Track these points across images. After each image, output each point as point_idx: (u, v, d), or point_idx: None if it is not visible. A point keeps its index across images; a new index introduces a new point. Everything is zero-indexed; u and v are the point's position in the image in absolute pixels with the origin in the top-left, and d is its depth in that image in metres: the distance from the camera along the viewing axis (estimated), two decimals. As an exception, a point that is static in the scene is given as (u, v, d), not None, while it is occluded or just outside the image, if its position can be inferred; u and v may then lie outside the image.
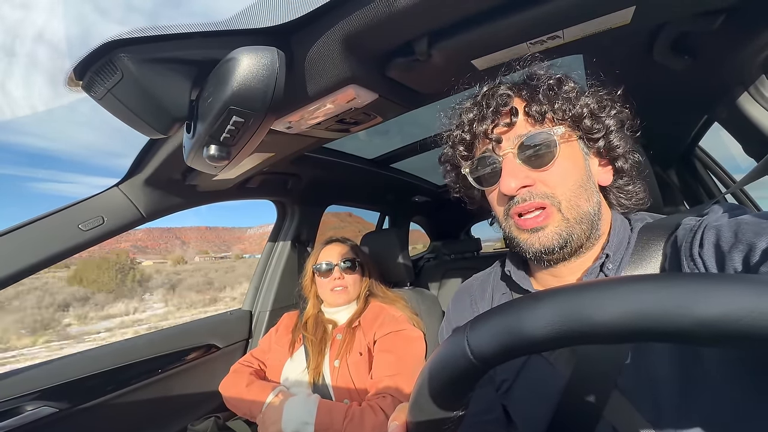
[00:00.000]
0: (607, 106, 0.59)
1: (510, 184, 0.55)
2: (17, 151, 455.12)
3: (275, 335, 1.40)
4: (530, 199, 0.55)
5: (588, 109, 0.57)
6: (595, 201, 0.58)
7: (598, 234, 0.59)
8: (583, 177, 0.57)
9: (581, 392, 0.51)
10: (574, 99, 0.57)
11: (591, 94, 0.59)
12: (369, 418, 1.02)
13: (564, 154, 0.56)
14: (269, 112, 0.57)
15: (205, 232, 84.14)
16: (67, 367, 1.13)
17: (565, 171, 0.56)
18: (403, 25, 0.59)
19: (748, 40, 0.77)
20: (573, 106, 0.56)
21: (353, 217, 5.36)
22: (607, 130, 0.58)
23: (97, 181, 47.37)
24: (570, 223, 0.55)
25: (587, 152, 0.60)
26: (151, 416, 1.30)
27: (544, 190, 0.56)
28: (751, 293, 0.19)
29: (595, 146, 0.59)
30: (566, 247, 0.56)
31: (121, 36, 0.47)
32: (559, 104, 0.56)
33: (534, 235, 0.56)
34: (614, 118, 0.59)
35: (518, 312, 0.25)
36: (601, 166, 0.62)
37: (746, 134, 1.02)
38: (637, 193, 0.63)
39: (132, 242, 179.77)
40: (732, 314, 0.19)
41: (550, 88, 0.56)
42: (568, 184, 0.56)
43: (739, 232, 0.43)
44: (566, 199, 0.55)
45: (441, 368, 0.29)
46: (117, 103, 0.53)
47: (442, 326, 0.78)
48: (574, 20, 0.60)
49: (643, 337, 0.22)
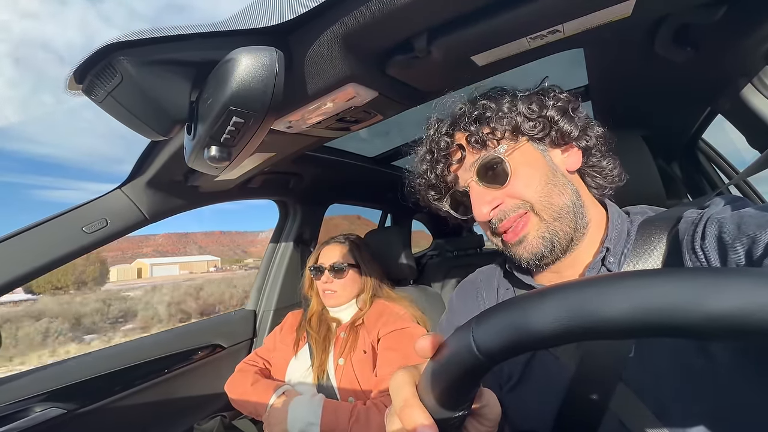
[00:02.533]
0: (542, 101, 0.60)
1: (482, 211, 0.58)
2: (18, 158, 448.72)
3: (280, 334, 1.41)
4: (506, 217, 0.58)
5: (522, 116, 0.59)
6: (569, 191, 0.59)
7: (585, 223, 0.59)
8: (548, 174, 0.59)
9: (587, 386, 0.51)
10: (507, 113, 0.59)
11: (524, 97, 0.61)
12: (375, 417, 1.02)
13: (518, 162, 0.58)
14: (269, 112, 0.57)
15: (220, 237, 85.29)
16: (75, 369, 1.14)
17: (527, 177, 0.58)
18: (402, 23, 0.59)
19: (750, 30, 0.76)
20: (507, 120, 0.59)
21: (362, 219, 5.41)
22: (551, 121, 0.59)
23: (100, 187, 48.29)
24: (548, 223, 0.57)
25: (544, 148, 0.61)
26: (158, 416, 1.31)
27: (514, 203, 0.58)
28: (764, 287, 0.19)
29: (547, 140, 0.60)
30: (554, 247, 0.57)
31: (119, 39, 0.47)
32: (493, 124, 0.59)
33: (521, 246, 0.58)
34: (554, 108, 0.60)
35: (525, 307, 0.25)
36: (564, 152, 0.62)
37: (750, 126, 1.01)
38: (612, 169, 0.64)
39: (153, 247, 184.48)
40: (744, 309, 0.19)
41: (479, 116, 0.60)
42: (533, 186, 0.57)
43: (741, 224, 0.43)
44: (537, 200, 0.57)
45: (446, 363, 0.28)
46: (117, 105, 0.53)
47: (443, 318, 0.78)
48: (574, 14, 0.60)
49: (652, 332, 0.21)
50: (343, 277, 1.33)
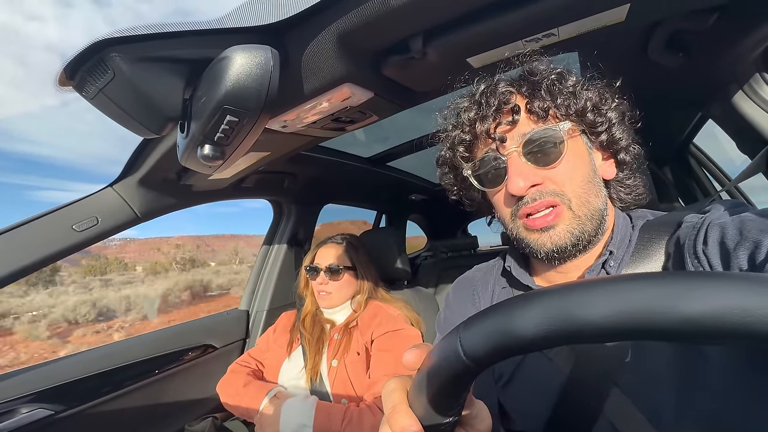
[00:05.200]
0: (608, 98, 0.58)
1: (519, 184, 0.53)
2: (16, 159, 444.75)
3: (273, 335, 1.40)
4: (540, 198, 0.54)
5: (591, 103, 0.56)
6: (603, 195, 0.58)
7: (604, 229, 0.58)
8: (590, 172, 0.56)
9: (580, 389, 0.52)
10: (576, 93, 0.55)
11: (592, 87, 0.58)
12: (368, 419, 1.02)
13: (570, 149, 0.55)
14: (264, 111, 0.56)
15: (229, 240, 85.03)
16: (63, 369, 1.12)
17: (573, 167, 0.55)
18: (398, 23, 0.59)
19: (742, 37, 0.77)
20: (576, 101, 0.55)
21: (368, 224, 5.43)
22: (610, 123, 0.57)
23: (99, 188, 47.43)
24: (581, 221, 0.54)
25: (591, 146, 0.59)
26: (148, 417, 1.30)
27: (553, 188, 0.54)
28: (735, 291, 0.19)
29: (598, 140, 0.58)
30: (578, 244, 0.55)
31: (112, 35, 0.46)
32: (561, 99, 0.55)
33: (545, 234, 0.55)
34: (615, 111, 0.58)
35: (509, 312, 0.25)
36: (604, 160, 0.61)
37: (740, 131, 1.03)
38: (637, 187, 0.62)
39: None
40: (716, 312, 0.19)
41: (552, 83, 0.55)
42: (577, 181, 0.55)
43: (744, 229, 0.43)
44: (576, 196, 0.54)
45: (435, 369, 0.29)
46: (109, 102, 0.52)
47: (440, 314, 0.77)
48: (569, 18, 0.60)
49: (633, 335, 0.22)
50: (338, 279, 1.32)
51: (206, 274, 47.63)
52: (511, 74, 0.61)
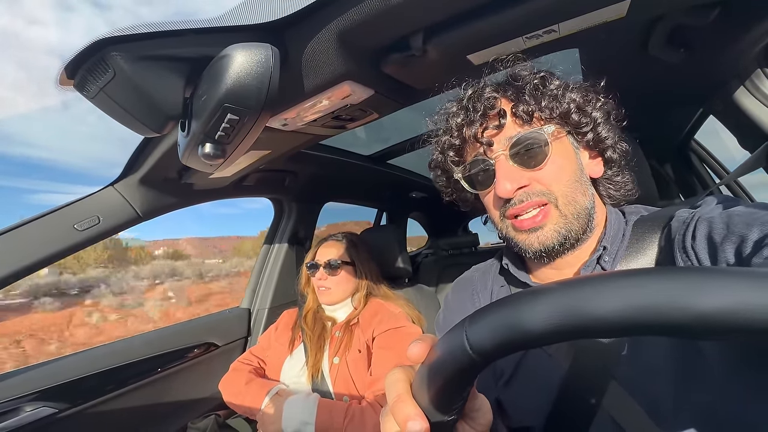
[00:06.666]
0: (593, 98, 0.59)
1: (506, 187, 0.55)
2: (17, 162, 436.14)
3: (275, 333, 1.40)
4: (527, 200, 0.56)
5: (575, 104, 0.57)
6: (590, 194, 0.59)
7: (593, 226, 0.59)
8: (577, 171, 0.58)
9: (580, 383, 0.52)
10: (560, 96, 0.57)
11: (576, 88, 0.59)
12: (370, 417, 1.02)
13: (556, 151, 0.56)
14: (264, 109, 0.56)
15: (236, 241, 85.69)
16: (66, 367, 1.13)
17: (560, 168, 0.56)
18: (398, 21, 0.59)
19: (743, 32, 0.77)
20: (560, 103, 0.56)
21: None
22: (595, 122, 0.58)
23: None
24: (568, 220, 0.56)
25: (577, 146, 0.60)
26: (151, 415, 1.30)
27: (540, 188, 0.56)
28: (750, 286, 0.19)
29: (584, 140, 0.59)
30: (565, 243, 0.56)
31: (112, 33, 0.46)
32: (545, 102, 0.56)
33: (533, 235, 0.56)
34: (600, 110, 0.59)
35: (517, 306, 0.25)
36: (591, 159, 0.62)
37: (741, 127, 1.02)
38: (626, 183, 0.63)
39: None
40: (731, 308, 0.19)
41: (536, 87, 0.57)
42: (563, 180, 0.56)
43: (730, 223, 0.44)
44: (563, 195, 0.56)
45: (440, 362, 0.29)
46: (110, 101, 0.52)
47: (439, 315, 0.78)
48: (569, 14, 0.60)
49: (642, 331, 0.22)
50: (336, 274, 1.33)
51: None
52: (497, 78, 0.63)
